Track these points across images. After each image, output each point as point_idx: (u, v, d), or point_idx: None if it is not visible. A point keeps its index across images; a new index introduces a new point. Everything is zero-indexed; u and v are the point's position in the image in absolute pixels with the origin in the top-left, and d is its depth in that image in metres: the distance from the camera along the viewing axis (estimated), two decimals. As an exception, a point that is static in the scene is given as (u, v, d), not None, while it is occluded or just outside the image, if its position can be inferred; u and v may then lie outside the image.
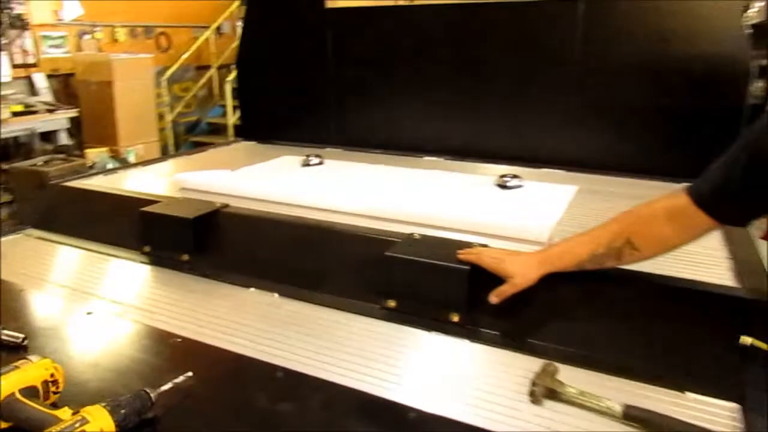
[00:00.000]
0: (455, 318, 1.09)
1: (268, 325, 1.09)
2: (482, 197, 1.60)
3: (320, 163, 1.99)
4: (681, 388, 0.90)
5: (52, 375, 0.76)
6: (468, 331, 1.07)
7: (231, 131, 5.27)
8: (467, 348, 1.04)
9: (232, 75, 5.21)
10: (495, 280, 1.07)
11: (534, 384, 0.90)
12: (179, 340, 1.00)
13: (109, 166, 3.86)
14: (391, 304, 1.15)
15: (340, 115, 2.34)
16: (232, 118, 5.20)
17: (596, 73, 1.91)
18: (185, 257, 1.35)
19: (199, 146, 5.68)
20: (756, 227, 1.12)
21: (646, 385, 0.91)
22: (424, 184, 1.72)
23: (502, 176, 1.74)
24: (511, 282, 1.05)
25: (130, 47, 5.52)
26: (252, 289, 1.23)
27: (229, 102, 5.24)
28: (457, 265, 1.09)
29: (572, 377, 0.91)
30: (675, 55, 1.78)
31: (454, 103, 2.12)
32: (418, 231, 1.27)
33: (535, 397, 0.88)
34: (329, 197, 1.51)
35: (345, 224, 1.34)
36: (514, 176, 1.73)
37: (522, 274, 1.05)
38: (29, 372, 0.74)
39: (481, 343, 1.04)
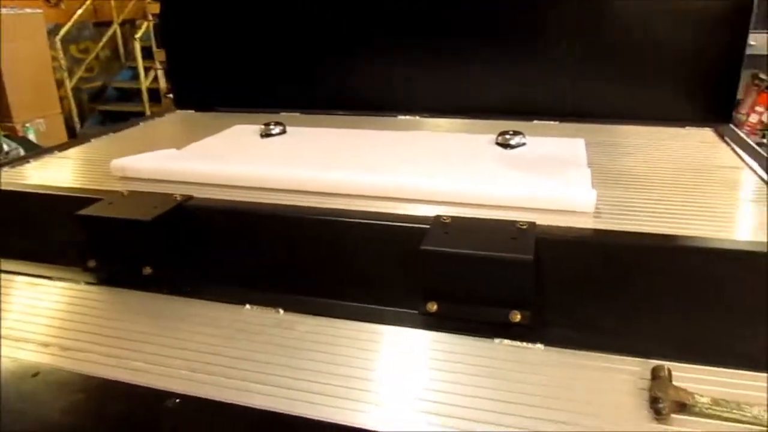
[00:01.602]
0: (517, 317, 0.89)
1: (286, 357, 0.83)
2: (491, 161, 1.38)
3: (283, 132, 1.68)
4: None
5: None
6: (538, 333, 0.87)
7: (146, 97, 4.71)
8: (544, 355, 0.84)
9: (141, 31, 4.63)
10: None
11: (656, 399, 0.72)
12: (177, 400, 0.73)
13: (6, 148, 3.29)
14: (433, 307, 0.92)
15: (291, 71, 2.02)
16: (146, 82, 4.64)
17: (585, 12, 1.72)
18: (147, 270, 1.05)
19: (109, 116, 5.09)
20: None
21: (764, 374, 0.76)
22: (418, 150, 1.47)
23: (502, 133, 1.52)
24: None
25: (10, 0, 4.72)
26: (247, 307, 0.96)
27: (140, 63, 4.66)
28: (518, 255, 0.88)
29: (686, 378, 0.75)
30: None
31: (427, 51, 1.86)
32: (431, 209, 1.05)
33: (661, 415, 0.70)
34: (312, 176, 1.23)
35: (352, 210, 1.08)
36: (516, 132, 1.52)
37: None
38: None
39: (559, 347, 0.84)
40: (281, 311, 0.95)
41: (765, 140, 4.19)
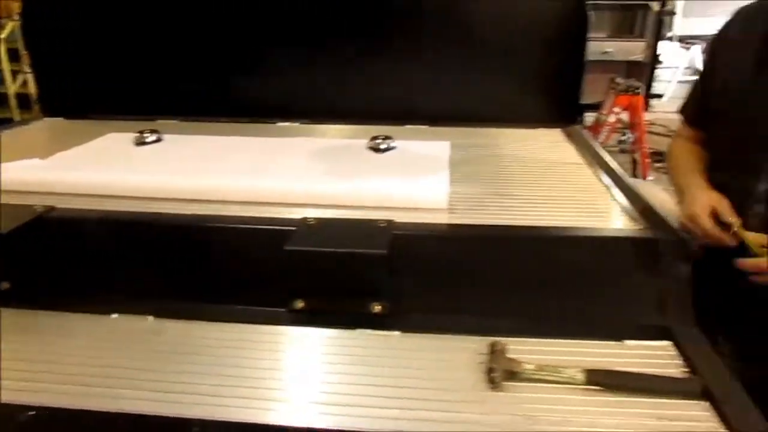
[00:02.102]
0: (377, 308, 0.97)
1: (154, 363, 0.85)
2: (360, 165, 1.45)
3: (158, 140, 1.66)
4: (618, 337, 0.91)
5: None
6: (396, 321, 0.96)
7: (13, 103, 4.36)
8: (400, 340, 0.93)
9: (6, 31, 4.28)
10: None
11: (491, 369, 0.83)
12: (32, 413, 0.73)
13: None
14: (300, 304, 0.98)
15: (169, 77, 1.98)
16: (13, 86, 4.29)
17: (438, 21, 1.84)
18: (5, 285, 1.02)
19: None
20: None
21: (585, 341, 0.90)
22: (292, 156, 1.52)
23: (374, 138, 1.61)
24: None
25: None
26: (114, 316, 0.97)
27: (6, 66, 4.30)
28: (374, 251, 0.96)
29: (519, 350, 0.87)
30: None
31: (305, 58, 1.90)
32: (300, 212, 1.11)
33: (495, 383, 0.82)
34: (184, 183, 1.25)
35: (220, 215, 1.11)
36: (386, 137, 1.62)
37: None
38: None
39: (414, 332, 0.94)
40: (151, 318, 0.96)
41: (624, 137, 4.66)
